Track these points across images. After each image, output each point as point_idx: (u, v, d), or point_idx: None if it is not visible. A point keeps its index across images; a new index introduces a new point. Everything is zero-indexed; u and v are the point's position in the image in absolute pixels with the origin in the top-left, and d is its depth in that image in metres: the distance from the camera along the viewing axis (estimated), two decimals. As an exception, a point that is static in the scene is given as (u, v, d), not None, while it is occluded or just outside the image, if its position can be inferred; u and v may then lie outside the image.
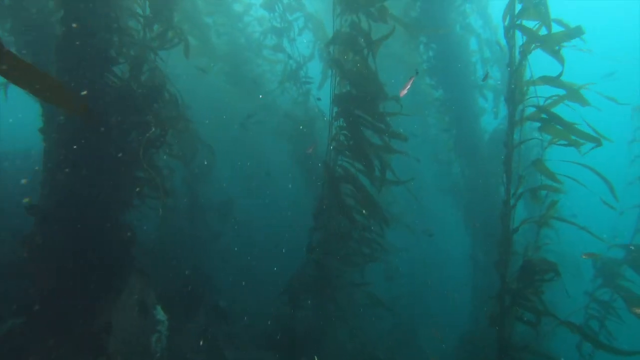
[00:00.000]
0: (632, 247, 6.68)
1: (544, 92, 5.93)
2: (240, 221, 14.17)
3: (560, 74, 5.63)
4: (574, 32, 5.58)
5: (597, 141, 5.56)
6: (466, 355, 10.96)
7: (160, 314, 6.66)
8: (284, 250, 14.60)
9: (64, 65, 5.39)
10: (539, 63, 6.35)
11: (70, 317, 5.55)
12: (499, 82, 13.00)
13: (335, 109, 7.67)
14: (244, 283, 13.54)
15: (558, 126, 5.77)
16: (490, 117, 13.06)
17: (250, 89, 14.91)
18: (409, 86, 5.94)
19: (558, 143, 5.75)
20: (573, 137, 5.73)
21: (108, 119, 5.72)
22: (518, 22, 5.91)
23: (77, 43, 5.25)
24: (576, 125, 5.58)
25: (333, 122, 7.73)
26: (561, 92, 5.81)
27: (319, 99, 12.31)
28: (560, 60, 5.67)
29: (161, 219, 9.77)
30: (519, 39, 5.94)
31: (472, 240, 12.75)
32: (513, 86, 5.74)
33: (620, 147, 9.13)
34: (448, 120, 13.02)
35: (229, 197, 12.99)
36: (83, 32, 5.30)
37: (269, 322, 7.83)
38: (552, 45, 5.65)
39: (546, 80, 5.75)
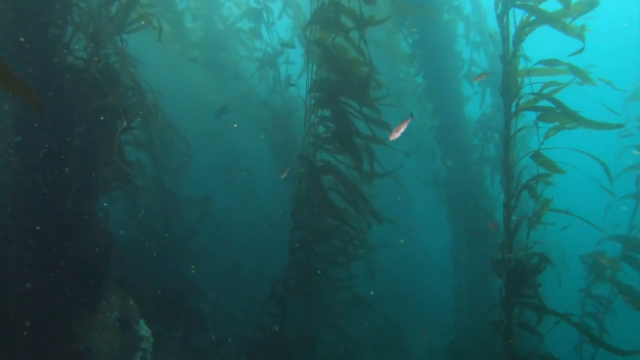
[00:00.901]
0: (628, 242, 6.47)
1: (538, 84, 5.59)
2: (219, 218, 13.58)
3: (581, 50, 5.09)
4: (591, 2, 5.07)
5: (606, 127, 5.24)
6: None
7: (144, 330, 6.06)
8: (266, 247, 14.22)
9: (8, 48, 4.74)
10: (532, 54, 5.99)
11: (39, 341, 4.93)
12: (490, 72, 12.70)
13: (314, 97, 7.17)
14: (227, 284, 13.10)
15: (560, 112, 5.40)
16: (476, 105, 12.75)
17: (228, 77, 14.25)
18: (402, 129, 5.46)
19: (557, 132, 5.40)
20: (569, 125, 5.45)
21: (63, 105, 5.09)
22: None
23: (17, 22, 4.61)
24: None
25: (311, 111, 7.22)
26: (560, 79, 5.45)
27: (293, 85, 11.77)
28: (579, 37, 5.17)
29: (132, 219, 9.23)
30: (513, 27, 5.56)
31: (453, 234, 12.51)
32: (507, 78, 5.34)
33: (611, 139, 8.97)
34: (432, 109, 12.67)
35: (206, 193, 12.37)
36: (22, 11, 4.65)
37: (256, 329, 7.37)
38: (563, 18, 5.15)
39: (549, 63, 5.35)
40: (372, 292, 11.93)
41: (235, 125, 14.21)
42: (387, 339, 11.97)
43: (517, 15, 5.54)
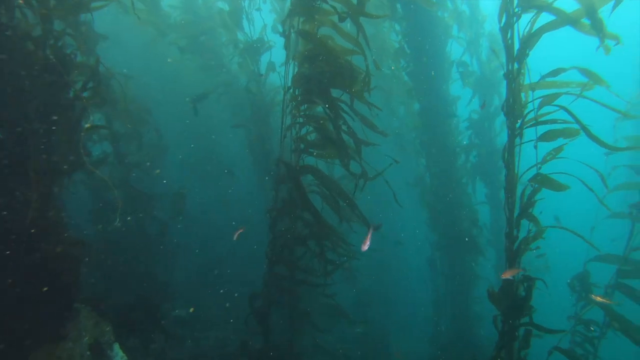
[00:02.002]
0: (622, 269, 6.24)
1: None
2: (194, 216, 12.96)
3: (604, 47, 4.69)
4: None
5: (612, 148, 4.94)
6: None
7: (119, 355, 5.45)
8: (244, 245, 13.65)
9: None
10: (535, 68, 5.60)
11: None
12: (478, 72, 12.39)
13: (296, 93, 6.58)
14: (204, 284, 12.55)
15: (561, 129, 5.06)
16: (462, 106, 12.43)
17: (209, 64, 13.43)
18: (368, 242, 5.21)
19: (558, 153, 5.05)
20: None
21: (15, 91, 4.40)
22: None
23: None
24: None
25: (291, 110, 6.65)
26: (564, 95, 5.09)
27: (261, 75, 11.13)
28: (600, 33, 4.73)
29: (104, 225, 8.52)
30: (517, 42, 5.14)
31: (432, 240, 12.25)
32: (511, 96, 4.93)
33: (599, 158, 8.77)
34: (418, 109, 12.25)
35: (180, 189, 11.67)
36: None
37: (240, 346, 6.92)
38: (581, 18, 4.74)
39: (554, 73, 4.95)
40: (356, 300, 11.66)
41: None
42: (372, 348, 11.71)
43: (521, 28, 5.14)
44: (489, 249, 12.14)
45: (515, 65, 5.00)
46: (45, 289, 4.77)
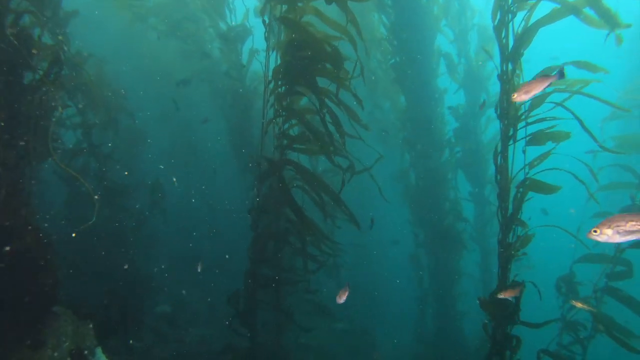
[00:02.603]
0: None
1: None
2: (174, 207, 12.53)
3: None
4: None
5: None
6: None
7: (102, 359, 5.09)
8: (225, 235, 13.32)
9: None
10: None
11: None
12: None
13: (279, 84, 6.22)
14: (187, 275, 12.17)
15: (551, 132, 4.91)
16: (449, 100, 12.28)
17: (189, 50, 12.89)
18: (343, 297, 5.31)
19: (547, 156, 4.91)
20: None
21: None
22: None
23: None
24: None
25: (272, 101, 6.30)
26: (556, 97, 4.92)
27: (243, 66, 10.66)
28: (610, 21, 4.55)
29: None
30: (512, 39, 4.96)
31: (416, 239, 12.16)
32: (505, 98, 4.73)
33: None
34: (404, 103, 12.04)
35: (158, 180, 11.22)
36: None
37: (225, 349, 6.67)
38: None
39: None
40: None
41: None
42: (357, 345, 11.61)
43: (515, 25, 4.94)
44: (473, 245, 12.11)
45: (509, 66, 4.79)
46: (18, 292, 4.40)
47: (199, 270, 8.76)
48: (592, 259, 6.49)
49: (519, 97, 3.98)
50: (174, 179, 10.84)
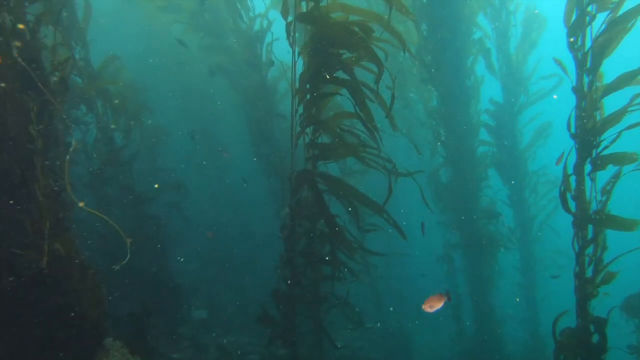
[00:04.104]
0: None
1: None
2: (200, 206, 12.28)
3: None
4: None
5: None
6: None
7: None
8: (255, 236, 13.05)
9: None
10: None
11: None
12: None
13: (307, 88, 5.50)
14: (217, 277, 11.99)
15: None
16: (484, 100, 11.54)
17: (211, 44, 12.34)
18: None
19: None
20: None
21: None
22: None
23: None
24: None
25: (300, 111, 5.68)
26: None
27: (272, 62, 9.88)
28: None
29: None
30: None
31: (447, 241, 11.62)
32: (583, 115, 4.07)
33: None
34: (437, 101, 11.35)
35: (179, 181, 10.89)
36: None
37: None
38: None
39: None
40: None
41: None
42: (393, 347, 11.37)
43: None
44: (513, 249, 11.53)
45: (586, 78, 4.14)
46: (65, 328, 4.08)
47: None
48: None
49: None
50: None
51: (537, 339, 11.70)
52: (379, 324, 11.90)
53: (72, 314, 4.14)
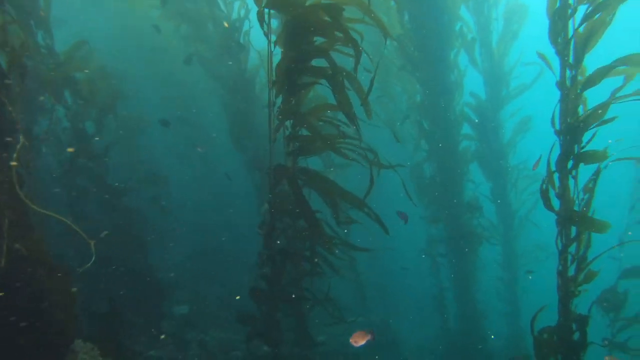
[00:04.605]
0: None
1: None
2: (181, 199, 11.98)
3: None
4: None
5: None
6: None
7: None
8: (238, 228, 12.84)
9: None
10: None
11: None
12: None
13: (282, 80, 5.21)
14: (199, 271, 11.76)
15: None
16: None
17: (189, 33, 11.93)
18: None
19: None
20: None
21: None
22: None
23: None
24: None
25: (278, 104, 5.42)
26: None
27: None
28: None
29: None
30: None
31: (430, 236, 11.64)
32: (567, 110, 3.98)
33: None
34: (421, 95, 11.24)
35: (157, 174, 10.57)
36: None
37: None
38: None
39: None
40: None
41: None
42: (378, 341, 11.35)
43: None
44: (495, 244, 11.59)
45: (568, 72, 4.05)
46: (32, 336, 3.85)
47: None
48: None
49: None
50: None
51: (518, 332, 11.86)
52: (360, 318, 11.89)
53: (36, 318, 3.92)
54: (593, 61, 4.00)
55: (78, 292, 4.66)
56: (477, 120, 11.31)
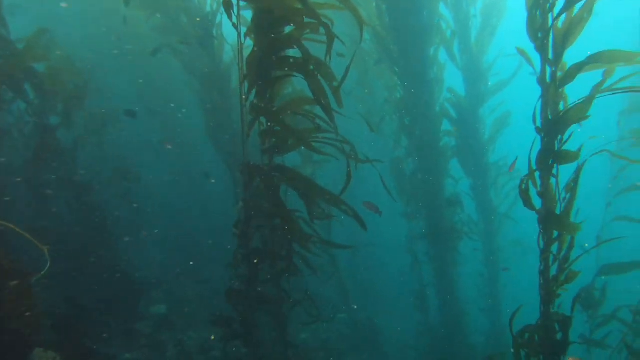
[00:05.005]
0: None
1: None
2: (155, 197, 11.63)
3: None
4: None
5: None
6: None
7: None
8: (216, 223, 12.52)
9: None
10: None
11: None
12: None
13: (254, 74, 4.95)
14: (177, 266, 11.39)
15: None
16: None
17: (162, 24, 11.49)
18: None
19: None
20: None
21: None
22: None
23: None
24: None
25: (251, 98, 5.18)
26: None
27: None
28: None
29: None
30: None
31: (411, 232, 11.58)
32: (550, 116, 3.84)
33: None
34: (400, 86, 11.06)
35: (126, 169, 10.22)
36: None
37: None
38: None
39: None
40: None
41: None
42: (361, 337, 11.38)
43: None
44: (476, 241, 11.62)
45: (549, 68, 3.94)
46: None
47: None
48: (619, 269, 5.71)
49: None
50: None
51: (499, 327, 11.96)
52: (343, 315, 11.84)
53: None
54: (577, 58, 3.91)
55: (43, 297, 4.39)
56: (456, 117, 11.26)
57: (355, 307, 12.03)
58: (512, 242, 12.14)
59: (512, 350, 4.51)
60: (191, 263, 11.69)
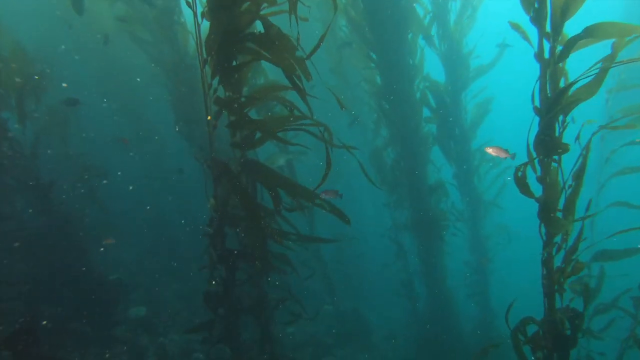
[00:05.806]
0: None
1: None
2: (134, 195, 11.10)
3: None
4: None
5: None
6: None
7: None
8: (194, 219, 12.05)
9: None
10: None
11: None
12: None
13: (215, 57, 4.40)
14: (156, 264, 10.90)
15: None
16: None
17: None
18: None
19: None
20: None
21: None
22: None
23: None
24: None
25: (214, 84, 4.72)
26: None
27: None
28: None
29: None
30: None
31: (395, 222, 11.34)
32: (546, 83, 3.49)
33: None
34: (379, 74, 10.67)
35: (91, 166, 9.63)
36: None
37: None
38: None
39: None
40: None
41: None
42: (349, 330, 11.14)
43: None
44: (461, 229, 11.42)
45: (546, 43, 3.56)
46: None
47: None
48: (613, 255, 5.38)
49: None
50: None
51: (488, 314, 11.86)
52: (330, 306, 11.62)
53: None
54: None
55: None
56: (435, 104, 10.93)
57: (340, 299, 11.80)
58: (498, 227, 11.98)
59: (511, 342, 4.24)
60: (172, 263, 11.25)
